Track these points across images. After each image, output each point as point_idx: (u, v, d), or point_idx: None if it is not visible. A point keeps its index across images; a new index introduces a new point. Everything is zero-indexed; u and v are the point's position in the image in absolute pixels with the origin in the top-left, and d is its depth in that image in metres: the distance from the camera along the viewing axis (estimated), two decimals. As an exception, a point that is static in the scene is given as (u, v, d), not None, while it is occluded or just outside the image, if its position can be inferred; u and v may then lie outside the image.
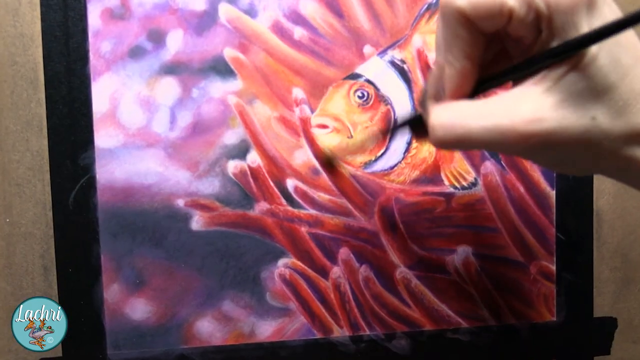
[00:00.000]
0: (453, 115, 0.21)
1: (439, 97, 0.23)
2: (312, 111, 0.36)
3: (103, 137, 0.35)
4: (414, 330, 0.37)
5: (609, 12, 0.20)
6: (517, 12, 0.19)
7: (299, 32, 0.36)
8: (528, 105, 0.20)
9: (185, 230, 0.35)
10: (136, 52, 0.35)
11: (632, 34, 0.20)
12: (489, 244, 0.38)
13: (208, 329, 0.36)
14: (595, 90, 0.19)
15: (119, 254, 0.35)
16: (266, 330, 0.36)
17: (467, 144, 0.21)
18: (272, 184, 0.36)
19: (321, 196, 0.36)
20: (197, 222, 0.35)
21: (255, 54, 0.36)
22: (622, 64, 0.19)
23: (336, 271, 0.37)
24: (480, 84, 0.22)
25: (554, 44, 0.20)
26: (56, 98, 0.34)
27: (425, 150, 0.37)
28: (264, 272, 0.36)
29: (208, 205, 0.35)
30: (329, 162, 0.36)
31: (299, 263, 0.36)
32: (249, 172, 0.36)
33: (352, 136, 0.36)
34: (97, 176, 0.34)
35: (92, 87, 0.34)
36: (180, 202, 0.35)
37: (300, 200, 0.36)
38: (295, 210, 0.36)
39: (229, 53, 0.35)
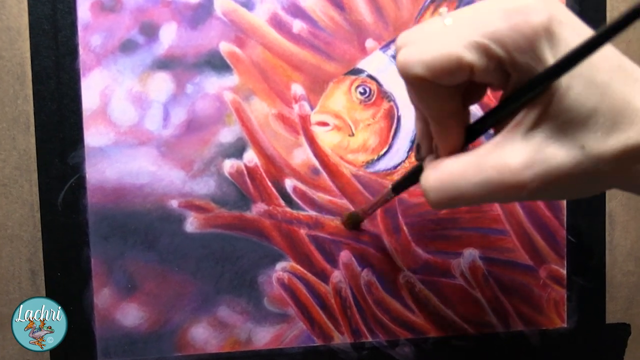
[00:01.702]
0: (441, 176, 0.21)
1: (432, 150, 0.23)
2: (312, 108, 0.35)
3: (93, 135, 0.33)
4: (418, 337, 0.36)
5: (571, 35, 0.18)
6: (477, 64, 0.19)
7: (298, 26, 0.35)
8: (513, 153, 0.19)
9: (179, 233, 0.34)
10: (128, 46, 0.33)
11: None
12: (497, 247, 0.36)
13: (203, 336, 0.35)
14: (576, 120, 0.19)
15: (109, 257, 0.34)
16: (264, 337, 0.35)
17: (462, 202, 0.21)
18: (270, 184, 0.35)
19: (321, 197, 0.35)
20: (192, 223, 0.34)
21: (252, 48, 0.34)
22: (597, 84, 0.18)
23: (337, 275, 0.35)
24: (470, 132, 0.22)
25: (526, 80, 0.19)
26: (44, 94, 0.33)
27: None
28: (262, 276, 0.35)
29: (203, 206, 0.34)
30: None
31: (298, 267, 0.35)
32: (245, 172, 0.34)
33: (353, 134, 0.35)
34: (87, 176, 0.33)
35: (82, 82, 0.33)
36: (174, 203, 0.34)
37: (299, 201, 0.35)
38: (294, 212, 0.35)
39: (225, 47, 0.34)
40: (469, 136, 0.22)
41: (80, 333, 0.33)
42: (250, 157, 0.34)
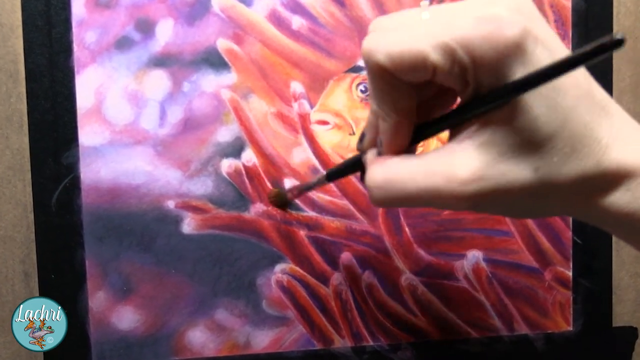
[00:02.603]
0: (389, 176, 0.20)
1: (377, 147, 0.22)
2: (312, 106, 0.34)
3: (88, 134, 0.33)
4: (421, 341, 0.36)
5: (543, 54, 0.17)
6: (441, 67, 0.18)
7: (297, 22, 0.34)
8: (463, 163, 0.19)
9: (175, 234, 0.33)
10: (123, 43, 0.33)
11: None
12: (501, 249, 0.36)
13: (200, 340, 0.34)
14: (534, 141, 0.18)
15: (104, 259, 0.33)
16: (262, 340, 0.34)
17: (405, 204, 0.21)
18: (268, 184, 0.34)
19: (321, 197, 0.34)
20: (189, 224, 0.33)
21: (250, 45, 0.34)
22: (561, 109, 0.18)
23: (337, 277, 0.35)
24: (418, 131, 0.21)
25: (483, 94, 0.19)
26: (38, 92, 0.32)
27: (433, 148, 0.35)
28: (260, 279, 0.34)
29: (200, 206, 0.33)
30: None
31: (298, 269, 0.34)
32: (244, 172, 0.34)
33: (354, 133, 0.35)
34: (82, 176, 0.33)
35: (76, 80, 0.32)
36: (171, 204, 0.33)
37: (298, 202, 0.34)
38: (294, 212, 0.34)
39: (223, 44, 0.33)
40: (416, 136, 0.21)
41: (74, 337, 0.33)
42: (249, 156, 0.34)
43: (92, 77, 0.33)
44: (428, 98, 0.22)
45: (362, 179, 0.26)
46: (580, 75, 0.18)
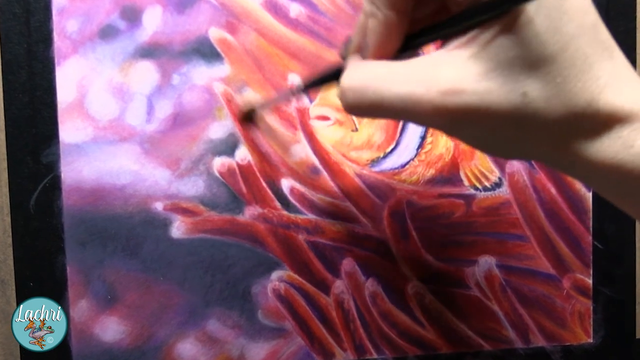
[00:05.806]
0: (366, 78, 0.20)
1: (362, 51, 0.21)
2: (311, 101, 0.33)
3: (69, 131, 0.32)
4: (429, 354, 0.35)
5: None
6: None
7: (295, 9, 0.33)
8: (448, 73, 0.18)
9: (164, 238, 0.32)
10: (108, 32, 0.32)
11: None
12: (515, 254, 0.35)
13: (191, 352, 0.33)
14: (528, 60, 0.17)
15: (87, 265, 0.32)
16: (258, 353, 0.33)
17: (379, 112, 0.20)
18: (264, 184, 0.33)
19: (321, 199, 0.33)
20: (178, 228, 0.32)
21: (245, 34, 0.33)
22: (563, 33, 0.17)
23: (339, 285, 0.34)
24: (409, 40, 0.20)
25: None
26: (15, 85, 0.31)
27: (442, 146, 0.34)
28: (256, 287, 0.33)
29: (191, 209, 0.32)
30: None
31: (296, 276, 0.33)
32: (237, 171, 0.33)
33: (357, 129, 0.34)
34: (62, 175, 0.32)
35: (57, 72, 0.31)
36: (159, 206, 0.32)
37: (297, 204, 0.33)
38: (292, 215, 0.33)
39: (215, 33, 0.32)
40: (406, 46, 0.20)
41: (54, 349, 0.32)
42: (243, 154, 0.33)
43: (73, 69, 0.31)
44: (425, 15, 0.21)
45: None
46: (589, 8, 0.17)
